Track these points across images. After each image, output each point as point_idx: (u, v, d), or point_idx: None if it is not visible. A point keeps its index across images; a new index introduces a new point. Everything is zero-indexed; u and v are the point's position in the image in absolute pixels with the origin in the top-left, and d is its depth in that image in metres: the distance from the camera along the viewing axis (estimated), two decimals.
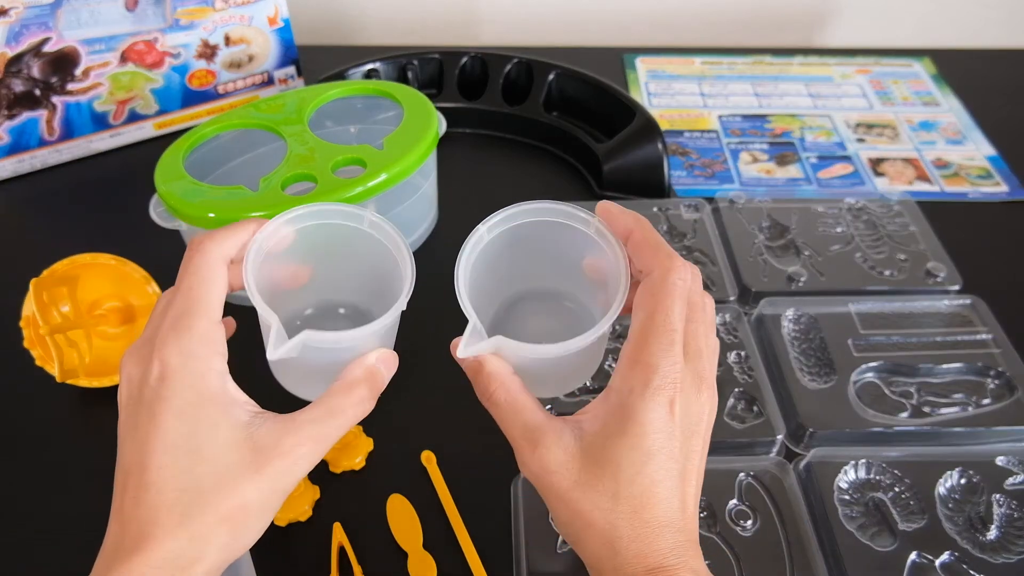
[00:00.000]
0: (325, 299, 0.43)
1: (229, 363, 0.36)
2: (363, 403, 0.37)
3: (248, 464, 0.33)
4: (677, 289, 0.34)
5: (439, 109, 0.63)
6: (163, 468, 0.33)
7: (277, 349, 0.34)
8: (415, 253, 0.65)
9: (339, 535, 0.48)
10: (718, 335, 0.58)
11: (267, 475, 0.33)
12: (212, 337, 0.35)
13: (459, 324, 0.61)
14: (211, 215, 0.54)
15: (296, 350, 0.35)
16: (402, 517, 0.49)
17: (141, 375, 0.34)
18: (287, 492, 0.35)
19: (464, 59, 0.81)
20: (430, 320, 0.62)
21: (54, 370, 0.52)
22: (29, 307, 0.54)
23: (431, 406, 0.56)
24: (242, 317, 0.41)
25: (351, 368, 0.37)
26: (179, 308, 0.35)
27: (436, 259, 0.66)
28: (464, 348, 0.36)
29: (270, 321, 0.35)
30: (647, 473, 0.33)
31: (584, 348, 0.35)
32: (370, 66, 0.79)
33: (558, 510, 0.35)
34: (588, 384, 0.54)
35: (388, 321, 0.37)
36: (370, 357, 0.37)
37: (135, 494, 0.33)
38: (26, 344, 0.54)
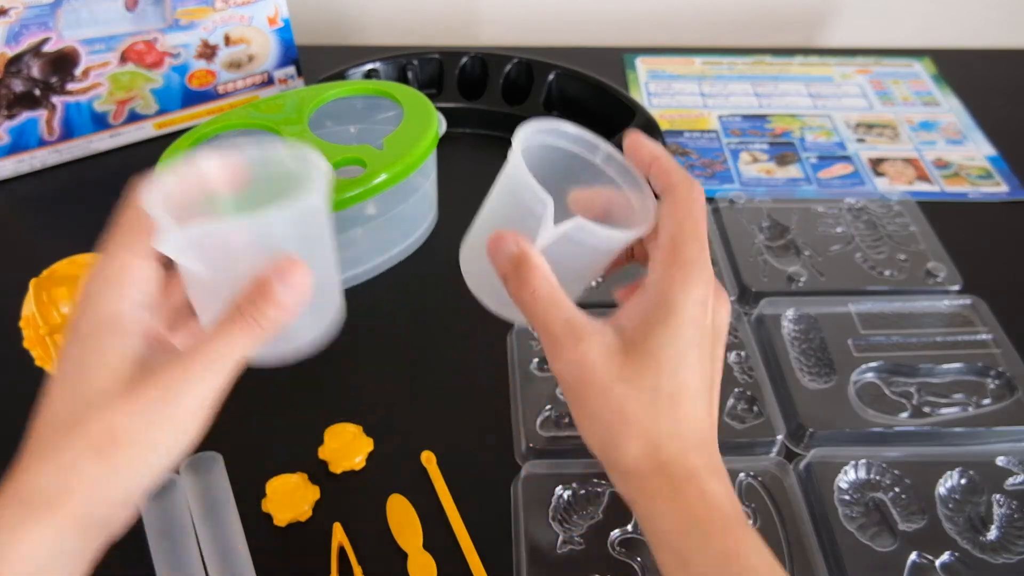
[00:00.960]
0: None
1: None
2: (260, 329, 0.33)
3: (121, 391, 0.31)
4: (702, 203, 0.36)
5: (439, 109, 0.63)
6: (51, 393, 0.31)
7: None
8: (415, 253, 0.66)
9: (339, 535, 0.48)
10: None
11: (137, 403, 0.31)
12: (131, 269, 0.33)
13: (459, 324, 0.61)
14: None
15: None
16: (402, 517, 0.49)
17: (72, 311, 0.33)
18: (172, 431, 0.31)
19: (464, 59, 0.81)
20: (430, 320, 0.62)
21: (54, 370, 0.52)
22: (29, 307, 0.54)
23: (431, 406, 0.56)
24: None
25: (247, 291, 0.33)
26: (105, 244, 0.34)
27: (436, 259, 0.67)
28: (548, 230, 0.34)
29: None
30: (685, 367, 0.33)
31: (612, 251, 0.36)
32: (370, 66, 0.79)
33: (598, 408, 0.34)
34: None
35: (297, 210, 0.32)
36: (277, 271, 0.32)
37: (32, 422, 0.31)
38: (26, 344, 0.54)
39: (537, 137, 0.38)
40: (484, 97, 0.79)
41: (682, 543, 0.33)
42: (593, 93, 0.77)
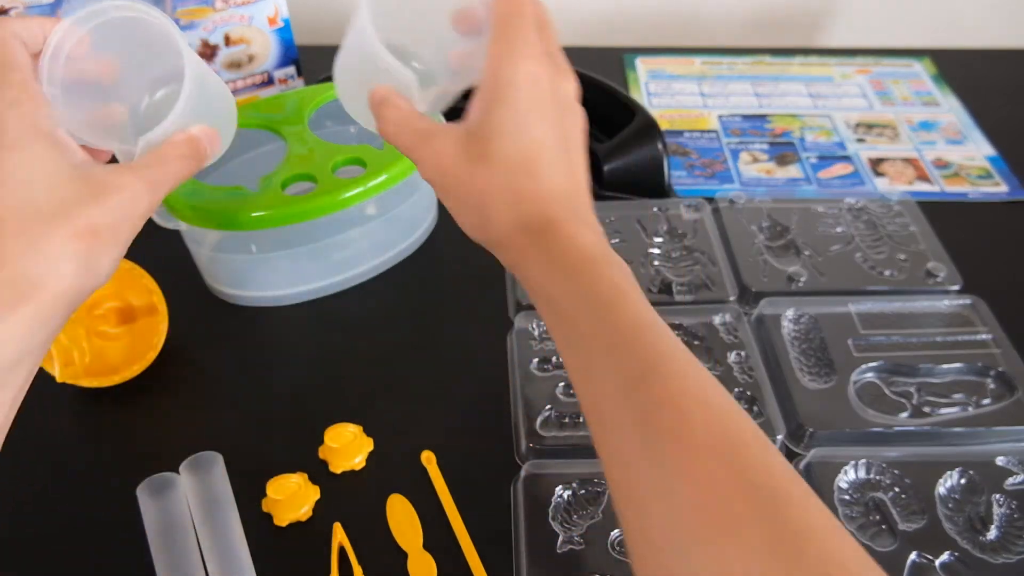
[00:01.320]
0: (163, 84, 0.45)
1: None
2: (184, 159, 0.40)
3: (88, 195, 0.35)
4: (521, 5, 0.38)
5: None
6: (6, 194, 0.34)
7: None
8: (415, 253, 0.66)
9: (339, 535, 0.48)
10: (718, 335, 0.58)
11: (110, 204, 0.35)
12: (34, 89, 0.36)
13: (459, 324, 0.61)
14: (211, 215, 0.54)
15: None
16: (402, 517, 0.49)
17: None
18: (131, 229, 0.37)
19: None
20: (430, 320, 0.62)
21: (54, 370, 0.52)
22: None
23: (431, 406, 0.56)
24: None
25: (176, 134, 0.40)
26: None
27: (436, 259, 0.67)
28: (416, 94, 0.40)
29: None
30: (528, 132, 0.36)
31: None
32: None
33: (463, 194, 0.38)
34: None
35: (186, 95, 0.39)
36: (192, 129, 0.41)
37: None
38: None
39: None
40: None
41: (550, 286, 0.35)
42: (593, 93, 0.77)
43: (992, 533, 0.47)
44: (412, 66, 0.43)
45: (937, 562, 0.46)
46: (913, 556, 0.46)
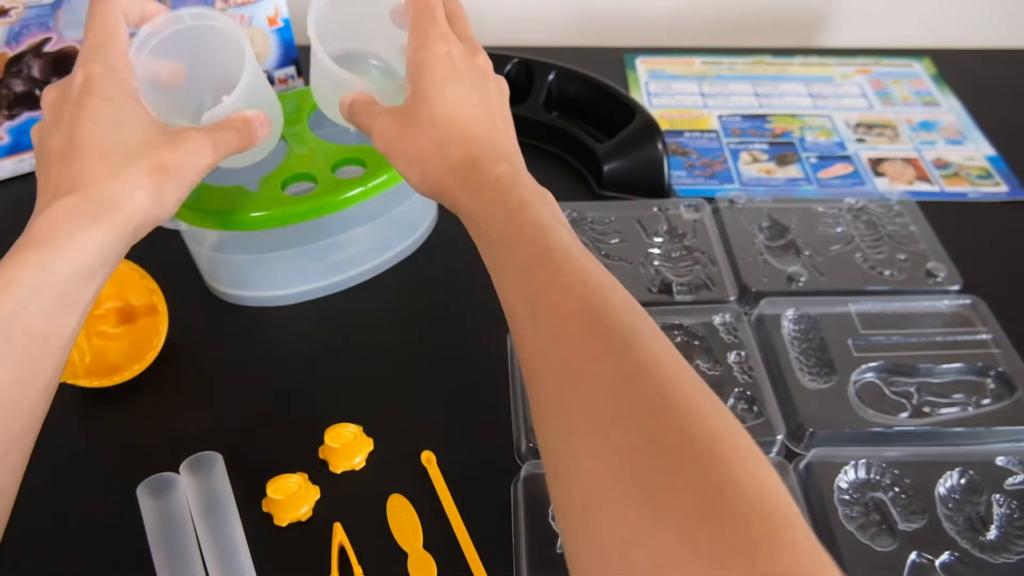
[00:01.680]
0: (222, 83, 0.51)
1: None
2: (239, 132, 0.47)
3: (162, 140, 0.42)
4: (429, 32, 0.45)
5: None
6: (93, 137, 0.41)
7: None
8: (415, 253, 0.66)
9: (339, 535, 0.48)
10: (718, 335, 0.58)
11: (179, 150, 0.43)
12: (127, 60, 0.44)
13: (459, 324, 0.61)
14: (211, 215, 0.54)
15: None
16: (402, 517, 0.49)
17: (63, 91, 0.43)
18: (194, 175, 0.44)
19: None
20: (430, 320, 0.62)
21: None
22: None
23: (431, 406, 0.56)
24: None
25: (235, 113, 0.48)
26: (94, 40, 0.43)
27: (436, 259, 0.67)
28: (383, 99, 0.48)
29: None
30: (447, 96, 0.44)
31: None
32: None
33: (405, 155, 0.45)
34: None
35: (244, 84, 0.47)
36: (248, 112, 0.48)
37: (66, 159, 0.40)
38: None
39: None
40: None
41: (474, 210, 0.41)
42: (593, 93, 0.77)
43: (992, 533, 0.47)
44: (372, 63, 0.52)
45: (937, 562, 0.46)
46: (913, 556, 0.46)
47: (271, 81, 0.81)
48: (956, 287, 0.62)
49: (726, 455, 0.29)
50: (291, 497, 0.48)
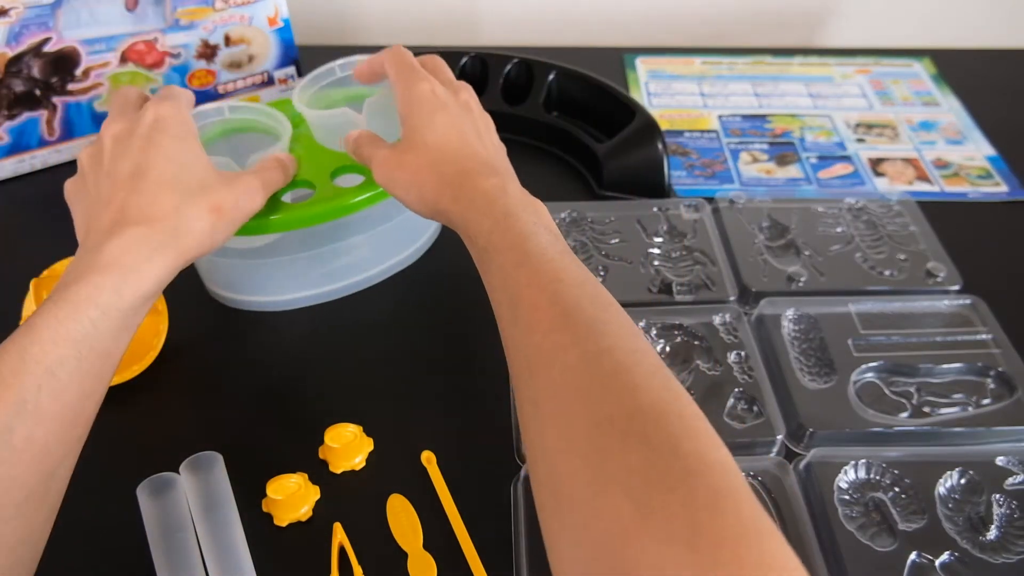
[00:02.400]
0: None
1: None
2: (279, 170, 0.53)
3: (221, 182, 0.48)
4: (399, 51, 0.53)
5: None
6: (163, 172, 0.45)
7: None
8: (418, 261, 0.66)
9: (339, 535, 0.48)
10: (718, 335, 0.58)
11: (234, 193, 0.48)
12: (191, 109, 0.51)
13: (458, 326, 0.61)
14: None
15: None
16: (402, 517, 0.49)
17: (131, 125, 0.47)
18: (245, 215, 0.49)
19: (464, 59, 0.81)
20: (430, 321, 0.62)
21: None
22: (29, 307, 0.54)
23: (431, 406, 0.56)
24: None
25: (267, 157, 0.54)
26: (166, 92, 0.50)
27: (439, 266, 0.67)
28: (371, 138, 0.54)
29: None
30: (438, 124, 0.48)
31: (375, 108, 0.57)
32: None
33: (403, 181, 0.49)
34: None
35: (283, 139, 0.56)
36: (278, 153, 0.55)
37: (135, 188, 0.44)
38: None
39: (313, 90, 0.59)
40: (484, 97, 0.78)
41: (466, 222, 0.44)
42: (593, 93, 0.77)
43: (992, 533, 0.47)
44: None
45: (937, 562, 0.46)
46: (913, 556, 0.46)
47: (271, 81, 0.81)
48: (956, 287, 0.62)
49: (672, 425, 0.32)
50: (291, 497, 0.48)
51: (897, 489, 0.49)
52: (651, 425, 0.31)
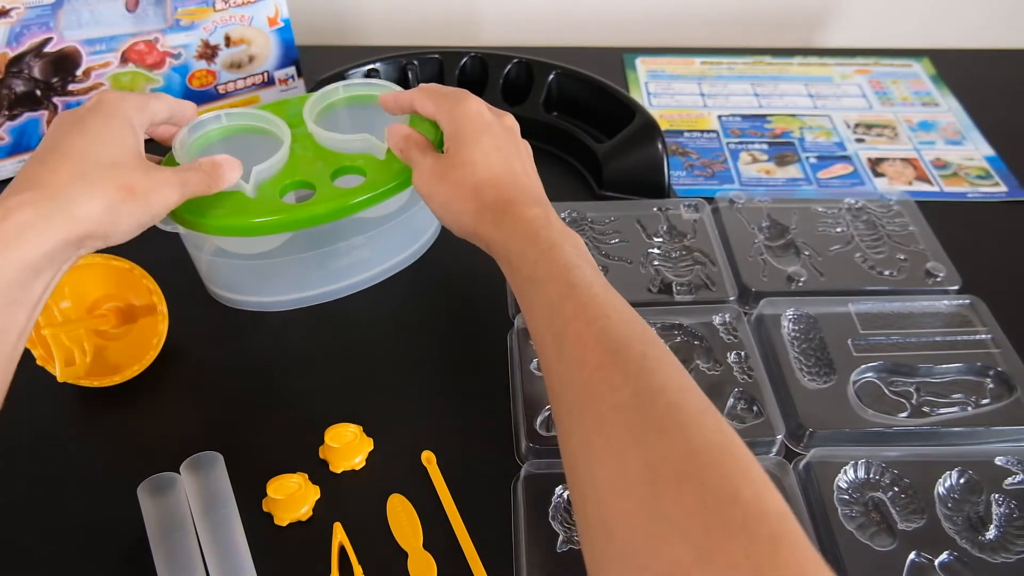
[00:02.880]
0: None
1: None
2: (197, 174, 0.50)
3: (138, 167, 0.45)
4: (432, 87, 0.54)
5: None
6: (74, 145, 0.43)
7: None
8: (419, 260, 0.66)
9: (339, 535, 0.48)
10: (718, 335, 0.58)
11: (150, 180, 0.45)
12: (144, 108, 0.49)
13: (458, 326, 0.61)
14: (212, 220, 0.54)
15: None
16: (402, 517, 0.49)
17: (74, 109, 0.46)
18: (159, 206, 0.46)
19: (464, 59, 0.81)
20: (431, 321, 0.62)
21: (54, 370, 0.53)
22: None
23: (431, 406, 0.56)
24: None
25: (205, 158, 0.51)
26: (117, 94, 0.48)
27: (439, 267, 0.67)
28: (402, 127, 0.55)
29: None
30: (484, 143, 0.49)
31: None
32: (370, 66, 0.79)
33: (443, 194, 0.49)
34: None
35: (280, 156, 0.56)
36: (216, 157, 0.51)
37: (41, 161, 0.43)
38: (27, 344, 0.54)
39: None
40: (484, 97, 0.78)
41: (511, 253, 0.45)
42: (593, 93, 0.77)
43: (991, 533, 0.47)
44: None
45: (936, 562, 0.46)
46: (912, 556, 0.46)
47: (271, 81, 0.81)
48: (955, 287, 0.62)
49: (727, 467, 0.32)
50: (291, 497, 0.48)
51: (896, 489, 0.49)
52: (707, 467, 0.31)
